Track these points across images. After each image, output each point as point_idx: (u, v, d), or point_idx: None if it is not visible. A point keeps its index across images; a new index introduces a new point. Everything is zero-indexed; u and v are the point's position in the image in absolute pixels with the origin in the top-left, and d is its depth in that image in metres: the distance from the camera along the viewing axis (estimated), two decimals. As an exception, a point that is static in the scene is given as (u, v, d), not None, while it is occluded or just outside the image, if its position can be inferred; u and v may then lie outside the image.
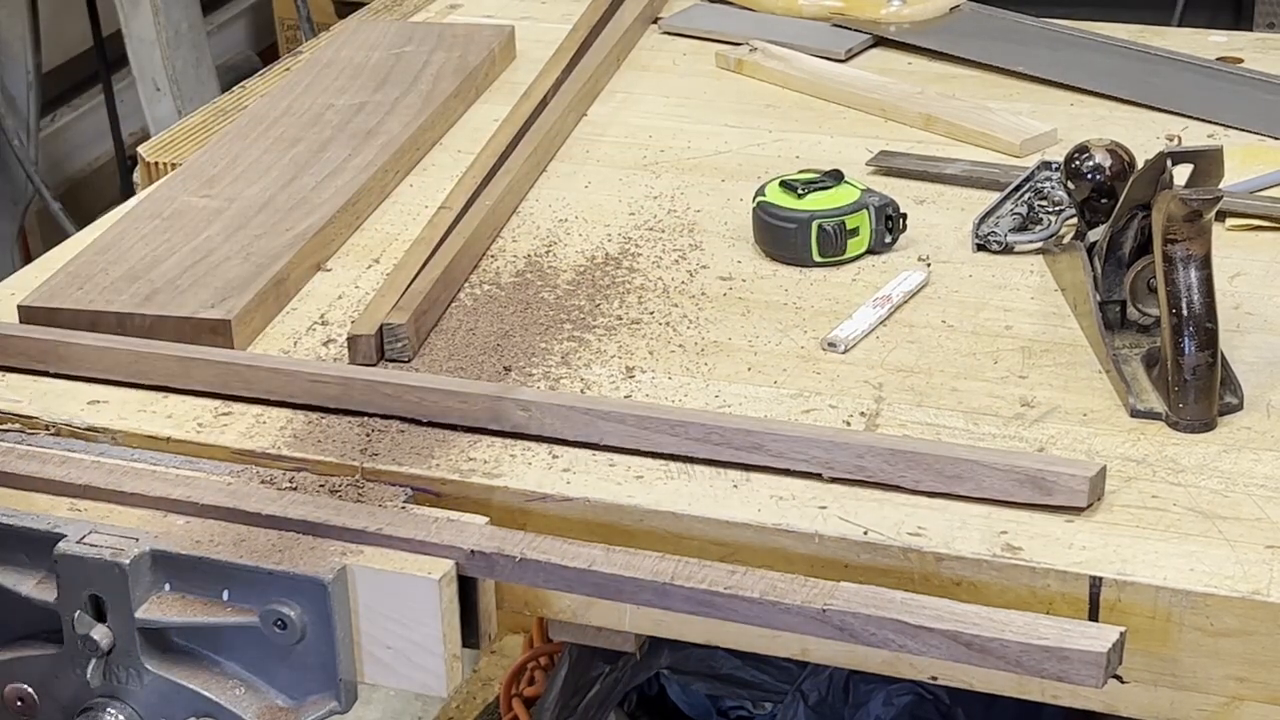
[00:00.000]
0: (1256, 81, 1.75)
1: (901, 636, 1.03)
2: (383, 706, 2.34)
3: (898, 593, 1.04)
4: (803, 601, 1.04)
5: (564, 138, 1.69)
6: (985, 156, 1.61)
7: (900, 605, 1.03)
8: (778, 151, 1.65)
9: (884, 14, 1.92)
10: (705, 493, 1.13)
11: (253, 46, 4.06)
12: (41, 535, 1.12)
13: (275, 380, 1.25)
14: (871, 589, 1.04)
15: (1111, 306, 1.28)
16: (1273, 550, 1.05)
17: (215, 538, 1.12)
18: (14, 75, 3.37)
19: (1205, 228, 1.19)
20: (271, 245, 1.43)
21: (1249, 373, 1.23)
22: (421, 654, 1.10)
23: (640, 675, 1.73)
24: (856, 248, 1.43)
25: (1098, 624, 1.03)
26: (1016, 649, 1.00)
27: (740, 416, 1.19)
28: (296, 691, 1.11)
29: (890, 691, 1.63)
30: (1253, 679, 1.03)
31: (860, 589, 1.04)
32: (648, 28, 1.97)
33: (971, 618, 1.02)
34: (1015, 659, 1.01)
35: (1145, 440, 1.17)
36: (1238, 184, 1.49)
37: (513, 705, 2.08)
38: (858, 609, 1.03)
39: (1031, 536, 1.07)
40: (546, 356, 1.30)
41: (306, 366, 1.26)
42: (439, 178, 1.61)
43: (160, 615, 1.10)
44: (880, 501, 1.11)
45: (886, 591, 1.04)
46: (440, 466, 1.17)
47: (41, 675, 1.14)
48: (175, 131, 1.79)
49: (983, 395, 1.23)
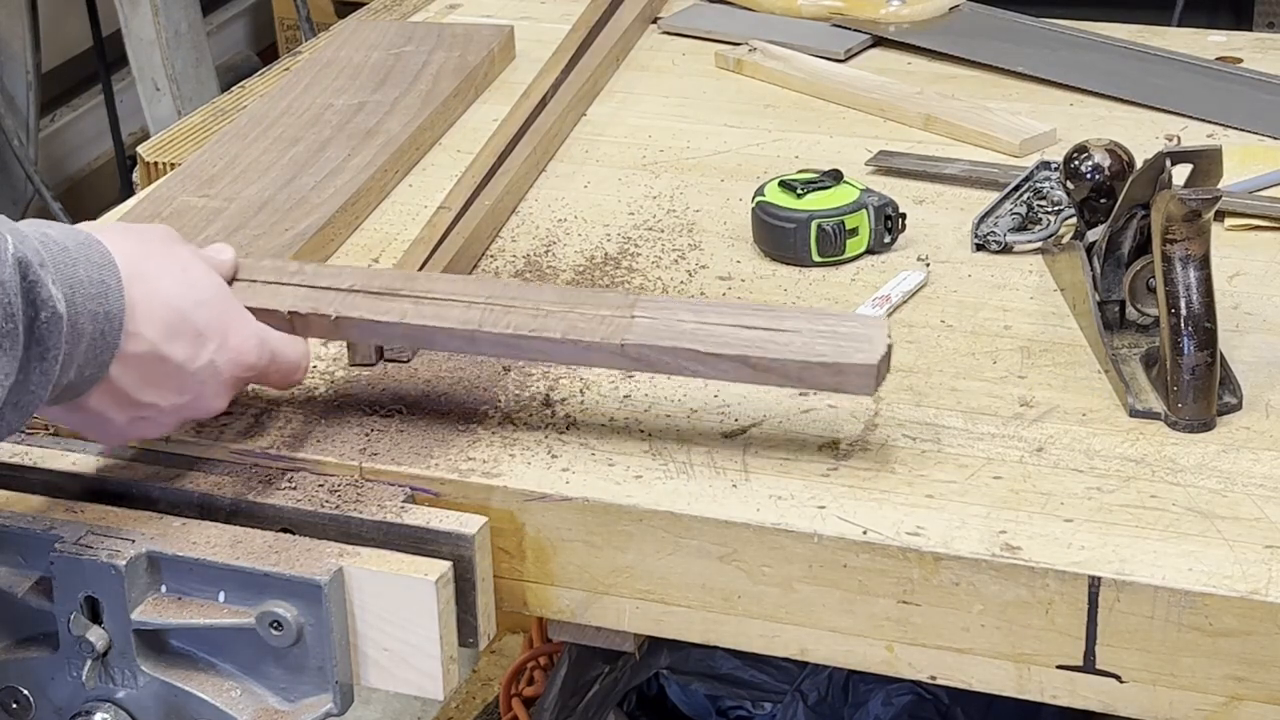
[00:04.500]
0: (1255, 81, 1.75)
1: (694, 363, 1.12)
2: (382, 707, 2.34)
3: (689, 323, 1.12)
4: (602, 338, 1.12)
5: (563, 138, 1.69)
6: (984, 156, 1.60)
7: (691, 334, 1.12)
8: (777, 151, 1.65)
9: (883, 14, 1.92)
10: (704, 492, 1.13)
11: (252, 46, 4.06)
12: (38, 537, 1.12)
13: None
14: (665, 321, 1.13)
15: (1110, 306, 1.28)
16: (1271, 550, 1.05)
17: (211, 539, 1.12)
18: (14, 75, 3.37)
19: (1204, 228, 1.19)
20: (271, 245, 1.42)
21: (1248, 372, 1.23)
22: (418, 656, 1.10)
23: (640, 675, 1.73)
24: (856, 247, 1.43)
25: (870, 333, 1.12)
26: (797, 367, 1.11)
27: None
28: (292, 693, 1.11)
29: (889, 691, 1.62)
30: (1251, 679, 1.03)
31: (654, 323, 1.13)
32: (647, 28, 1.97)
33: (757, 341, 1.11)
34: (797, 376, 1.12)
35: (1144, 440, 1.17)
36: (1237, 184, 1.49)
37: (512, 705, 2.08)
38: (652, 341, 1.11)
39: (1030, 536, 1.07)
40: (545, 357, 1.30)
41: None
42: (438, 177, 1.61)
43: (156, 617, 1.10)
44: (879, 501, 1.11)
45: (678, 324, 1.13)
46: (439, 466, 1.17)
47: (37, 677, 1.14)
48: (175, 131, 1.79)
49: (982, 395, 1.23)
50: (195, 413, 1.13)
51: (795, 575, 1.10)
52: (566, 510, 1.13)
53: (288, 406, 1.25)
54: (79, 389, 1.06)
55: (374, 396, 1.26)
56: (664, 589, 1.13)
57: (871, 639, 1.10)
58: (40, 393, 1.00)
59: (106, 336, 1.04)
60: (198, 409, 1.13)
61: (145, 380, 1.08)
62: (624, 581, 1.14)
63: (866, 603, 1.09)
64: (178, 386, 1.10)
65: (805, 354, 1.10)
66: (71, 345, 1.01)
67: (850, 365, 1.10)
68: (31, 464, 1.21)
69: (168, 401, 1.11)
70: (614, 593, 1.14)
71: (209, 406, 1.13)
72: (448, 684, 1.12)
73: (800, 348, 1.11)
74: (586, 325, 1.13)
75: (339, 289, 1.19)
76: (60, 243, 1.03)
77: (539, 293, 1.17)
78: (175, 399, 1.11)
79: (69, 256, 1.03)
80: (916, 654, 1.09)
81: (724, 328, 1.13)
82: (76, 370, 1.03)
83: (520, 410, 1.23)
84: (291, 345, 1.17)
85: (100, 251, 1.05)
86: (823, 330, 1.13)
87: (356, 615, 1.10)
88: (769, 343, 1.12)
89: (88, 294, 1.02)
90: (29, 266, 0.97)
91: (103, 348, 1.05)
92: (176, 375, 1.10)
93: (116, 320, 1.05)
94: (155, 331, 1.07)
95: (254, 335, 1.14)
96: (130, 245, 1.08)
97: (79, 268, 1.03)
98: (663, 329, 1.13)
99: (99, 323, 1.03)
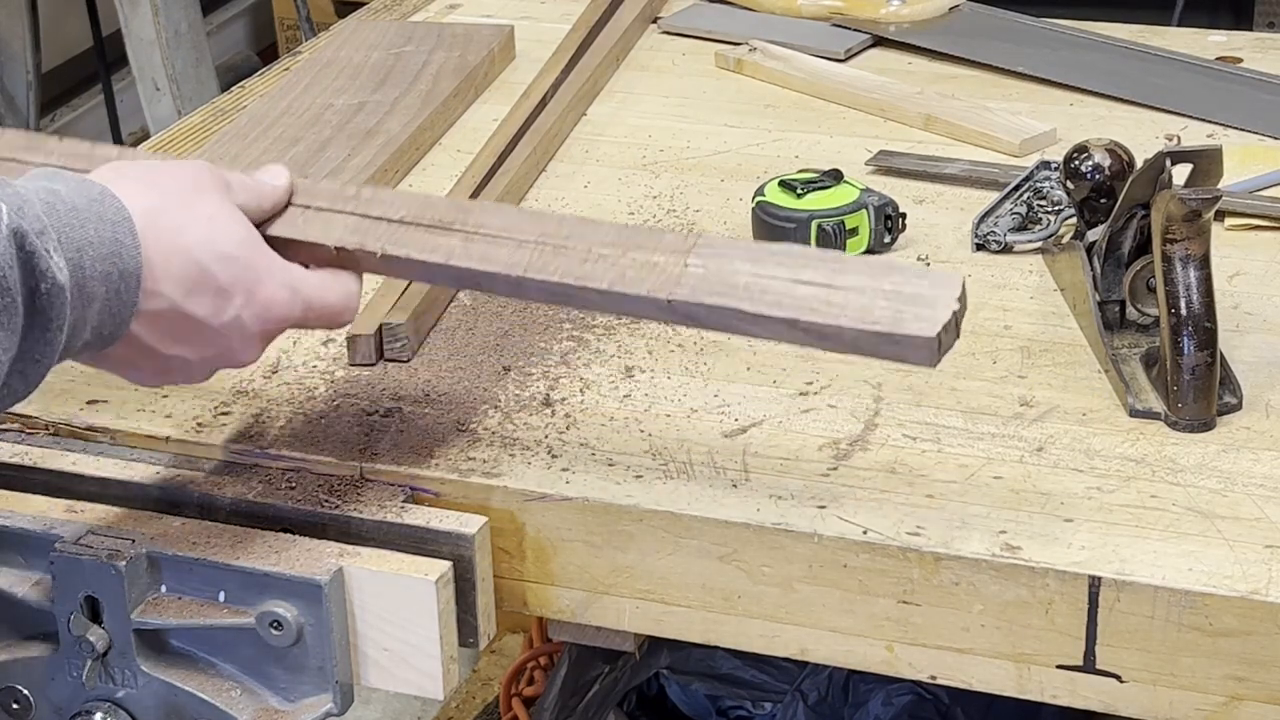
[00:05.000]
0: (1256, 81, 1.75)
1: (743, 323, 1.04)
2: (382, 706, 2.34)
3: (744, 275, 1.05)
4: (648, 292, 1.05)
5: (563, 138, 1.69)
6: (984, 156, 1.60)
7: (743, 290, 1.04)
8: (777, 151, 1.65)
9: (883, 14, 1.92)
10: (704, 492, 1.13)
11: (252, 46, 4.07)
12: (38, 536, 1.12)
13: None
14: (719, 272, 1.05)
15: (1110, 306, 1.28)
16: (1271, 550, 1.05)
17: (211, 539, 1.12)
18: (14, 75, 3.37)
19: (1204, 227, 1.19)
20: (270, 245, 1.42)
21: (1248, 372, 1.23)
22: (418, 656, 1.10)
23: (640, 675, 1.72)
24: (855, 247, 1.43)
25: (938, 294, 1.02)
26: (852, 334, 1.01)
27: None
28: (292, 693, 1.11)
29: (890, 691, 1.62)
30: (1251, 679, 1.03)
31: (706, 275, 1.05)
32: (647, 27, 1.97)
33: (811, 302, 1.02)
34: (851, 343, 1.02)
35: (1144, 440, 1.17)
36: (1237, 184, 1.49)
37: (512, 705, 2.08)
38: (700, 299, 1.04)
39: (1031, 536, 1.07)
40: (546, 356, 1.30)
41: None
42: (438, 177, 1.61)
43: (156, 617, 1.10)
44: (879, 501, 1.11)
45: (732, 275, 1.05)
46: (439, 466, 1.17)
47: (37, 677, 1.14)
48: (175, 131, 1.79)
49: (982, 395, 1.23)
50: (226, 364, 1.10)
51: (795, 575, 1.10)
52: (566, 510, 1.13)
53: (288, 406, 1.25)
54: (99, 346, 1.02)
55: (374, 396, 1.26)
56: (664, 589, 1.13)
57: (871, 639, 1.10)
58: (47, 361, 0.97)
59: (123, 296, 1.00)
60: (228, 361, 1.09)
61: (169, 336, 1.05)
62: (624, 581, 1.14)
63: (866, 603, 1.09)
64: (203, 342, 1.06)
65: (859, 321, 1.01)
66: (80, 310, 0.98)
67: (906, 337, 1.00)
68: (31, 464, 1.21)
69: (195, 355, 1.07)
70: (614, 593, 1.14)
71: (239, 359, 1.09)
72: (448, 684, 1.12)
73: (855, 312, 1.01)
74: (636, 274, 1.06)
75: (391, 220, 1.12)
76: (69, 201, 0.99)
77: (594, 231, 1.09)
78: (202, 352, 1.07)
79: (78, 216, 0.98)
80: (916, 654, 1.09)
81: (779, 282, 1.04)
82: (92, 331, 1.00)
83: (520, 410, 1.23)
84: (332, 288, 1.11)
85: (115, 207, 1.01)
86: (886, 289, 1.03)
87: (356, 615, 1.10)
88: (824, 304, 1.02)
89: (98, 254, 0.98)
90: (25, 237, 0.94)
91: (119, 307, 1.00)
92: (200, 331, 1.05)
93: (133, 279, 1.01)
94: (175, 288, 1.03)
95: (285, 287, 1.08)
96: (151, 198, 1.03)
97: (89, 227, 0.98)
98: (714, 282, 1.05)
99: (112, 283, 0.99)
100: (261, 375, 1.29)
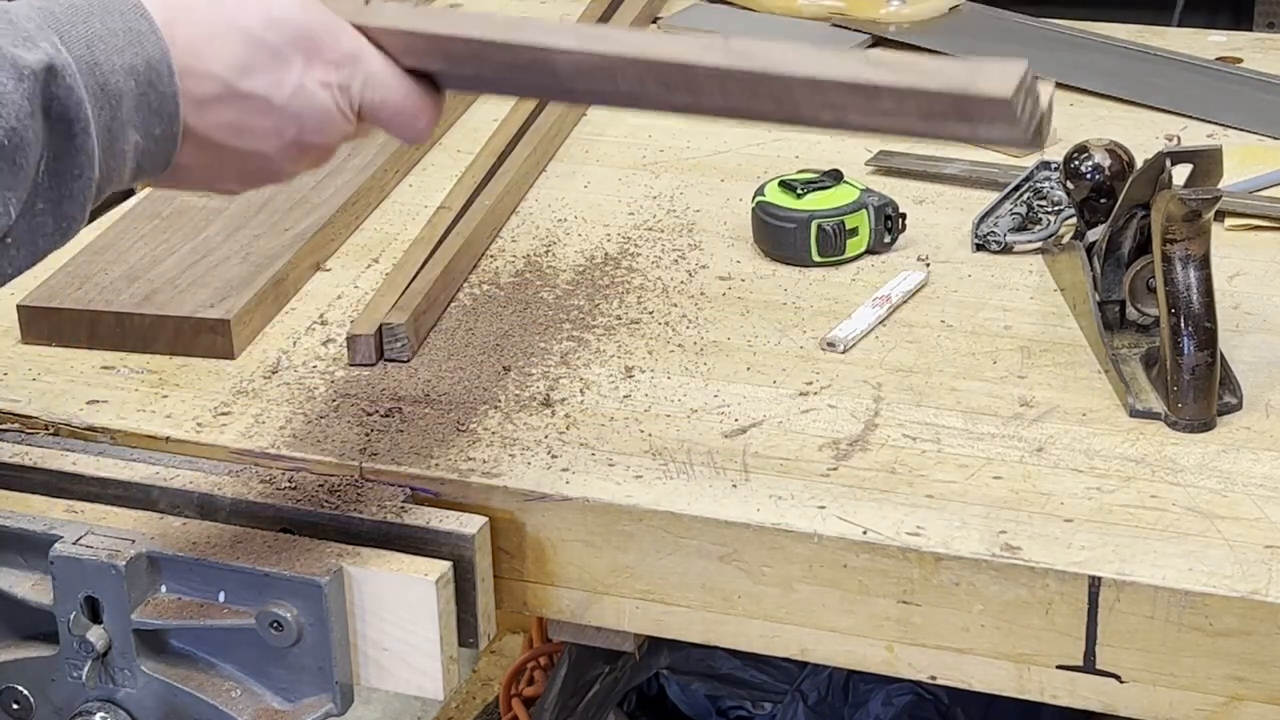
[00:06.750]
0: (1256, 81, 1.75)
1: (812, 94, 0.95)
2: (382, 706, 2.34)
3: None
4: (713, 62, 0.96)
5: (563, 137, 1.69)
6: (984, 156, 1.60)
7: None
8: (777, 151, 1.65)
9: (884, 14, 1.92)
10: (704, 492, 1.13)
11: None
12: (38, 537, 1.12)
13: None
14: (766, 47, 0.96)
15: (1110, 306, 1.28)
16: (1271, 550, 1.05)
17: (212, 539, 1.12)
18: (14, 75, 3.36)
19: (1204, 227, 1.19)
20: (270, 245, 1.42)
21: (1248, 372, 1.23)
22: (418, 656, 1.10)
23: (640, 675, 1.72)
24: (856, 247, 1.43)
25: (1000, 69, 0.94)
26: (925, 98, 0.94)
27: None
28: (293, 694, 1.11)
29: (889, 691, 1.62)
30: (1252, 679, 1.03)
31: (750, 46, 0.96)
32: (647, 27, 1.97)
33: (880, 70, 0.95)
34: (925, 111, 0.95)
35: (1144, 440, 1.17)
36: (1237, 184, 1.49)
37: (512, 705, 2.07)
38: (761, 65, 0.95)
39: (1030, 536, 1.07)
40: (546, 356, 1.30)
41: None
42: (438, 177, 1.61)
43: (156, 617, 1.10)
44: (879, 501, 1.11)
45: None
46: (439, 466, 1.17)
47: (37, 677, 1.14)
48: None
49: (982, 395, 1.23)
50: (310, 152, 1.00)
51: (795, 575, 1.10)
52: (566, 510, 1.13)
53: (288, 406, 1.25)
54: (161, 155, 0.94)
55: (374, 396, 1.26)
56: (664, 589, 1.13)
57: (871, 639, 1.10)
58: (88, 174, 0.90)
59: (158, 86, 0.92)
60: (309, 147, 1.00)
61: (234, 127, 0.96)
62: (624, 581, 1.14)
63: (866, 603, 1.09)
64: (274, 127, 0.97)
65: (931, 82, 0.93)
66: (111, 109, 0.90)
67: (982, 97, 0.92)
68: (31, 464, 1.21)
69: (272, 146, 0.98)
70: (614, 593, 1.14)
71: (321, 140, 0.99)
72: (448, 684, 1.12)
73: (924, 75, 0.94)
74: None
75: None
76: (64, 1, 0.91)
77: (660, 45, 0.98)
78: (279, 140, 0.98)
79: (78, 13, 0.90)
80: (916, 654, 1.09)
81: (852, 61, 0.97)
82: (141, 133, 0.92)
83: (520, 410, 1.23)
84: (404, 91, 1.00)
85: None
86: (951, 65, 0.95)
87: (356, 615, 1.10)
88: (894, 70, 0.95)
89: (112, 46, 0.90)
90: None
91: (159, 100, 0.92)
92: (266, 112, 0.96)
93: (164, 66, 0.92)
94: (223, 66, 0.94)
95: (350, 46, 0.97)
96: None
97: (94, 20, 0.90)
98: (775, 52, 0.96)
99: (140, 75, 0.91)
100: (261, 375, 1.29)
